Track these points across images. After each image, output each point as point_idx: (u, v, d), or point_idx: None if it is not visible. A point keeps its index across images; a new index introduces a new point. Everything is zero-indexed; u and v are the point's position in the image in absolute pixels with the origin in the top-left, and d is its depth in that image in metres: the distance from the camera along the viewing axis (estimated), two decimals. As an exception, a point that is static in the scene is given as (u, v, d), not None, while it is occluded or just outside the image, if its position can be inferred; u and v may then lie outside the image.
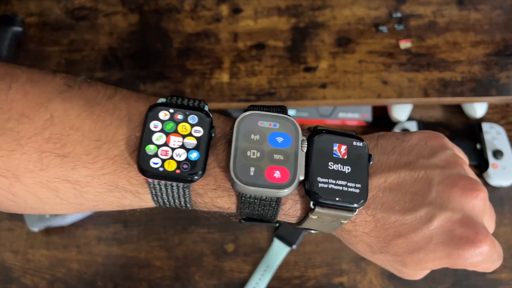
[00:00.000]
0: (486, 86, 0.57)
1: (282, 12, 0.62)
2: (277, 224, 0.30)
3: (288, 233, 0.57)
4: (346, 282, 0.56)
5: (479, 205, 0.29)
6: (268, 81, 0.57)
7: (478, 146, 0.61)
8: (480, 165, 0.61)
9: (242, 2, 0.62)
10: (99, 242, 0.57)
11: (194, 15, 0.62)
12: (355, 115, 0.66)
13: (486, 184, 0.61)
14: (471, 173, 0.31)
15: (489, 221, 0.31)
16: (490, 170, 0.59)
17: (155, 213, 0.59)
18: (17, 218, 0.58)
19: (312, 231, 0.31)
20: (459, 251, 0.27)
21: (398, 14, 0.61)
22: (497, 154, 0.60)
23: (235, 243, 0.58)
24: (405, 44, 0.59)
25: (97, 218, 0.59)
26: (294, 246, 0.56)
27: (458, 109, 0.66)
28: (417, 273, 0.31)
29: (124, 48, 0.60)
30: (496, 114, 0.65)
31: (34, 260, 0.57)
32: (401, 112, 0.64)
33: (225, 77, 0.58)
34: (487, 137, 0.61)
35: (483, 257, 0.28)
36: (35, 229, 0.57)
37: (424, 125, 0.64)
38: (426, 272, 0.31)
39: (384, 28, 0.60)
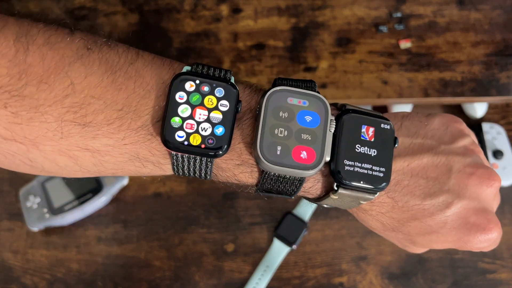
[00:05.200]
0: (486, 86, 0.57)
1: (282, 12, 0.62)
2: (293, 197, 0.31)
3: (288, 233, 0.57)
4: (346, 282, 0.56)
5: (493, 193, 0.30)
6: (268, 81, 0.57)
7: (478, 146, 0.61)
8: (480, 165, 0.61)
9: (242, 2, 0.62)
10: (99, 242, 0.57)
11: (194, 15, 0.62)
12: (355, 115, 0.66)
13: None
14: (485, 161, 0.33)
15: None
16: (490, 170, 0.59)
17: (155, 213, 0.59)
18: (17, 218, 0.58)
19: (325, 206, 0.31)
20: (470, 237, 0.29)
21: (398, 14, 0.61)
22: (497, 154, 0.60)
23: (235, 243, 0.58)
24: (405, 44, 0.59)
25: (97, 218, 0.59)
26: (294, 246, 0.56)
27: (458, 109, 0.66)
28: (421, 249, 0.33)
29: (124, 48, 0.60)
30: (496, 114, 0.65)
31: (34, 260, 0.57)
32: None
33: (225, 77, 0.58)
34: (487, 137, 0.61)
35: (489, 243, 0.29)
36: (35, 229, 0.57)
37: (424, 125, 0.64)
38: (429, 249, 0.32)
39: (384, 28, 0.60)
